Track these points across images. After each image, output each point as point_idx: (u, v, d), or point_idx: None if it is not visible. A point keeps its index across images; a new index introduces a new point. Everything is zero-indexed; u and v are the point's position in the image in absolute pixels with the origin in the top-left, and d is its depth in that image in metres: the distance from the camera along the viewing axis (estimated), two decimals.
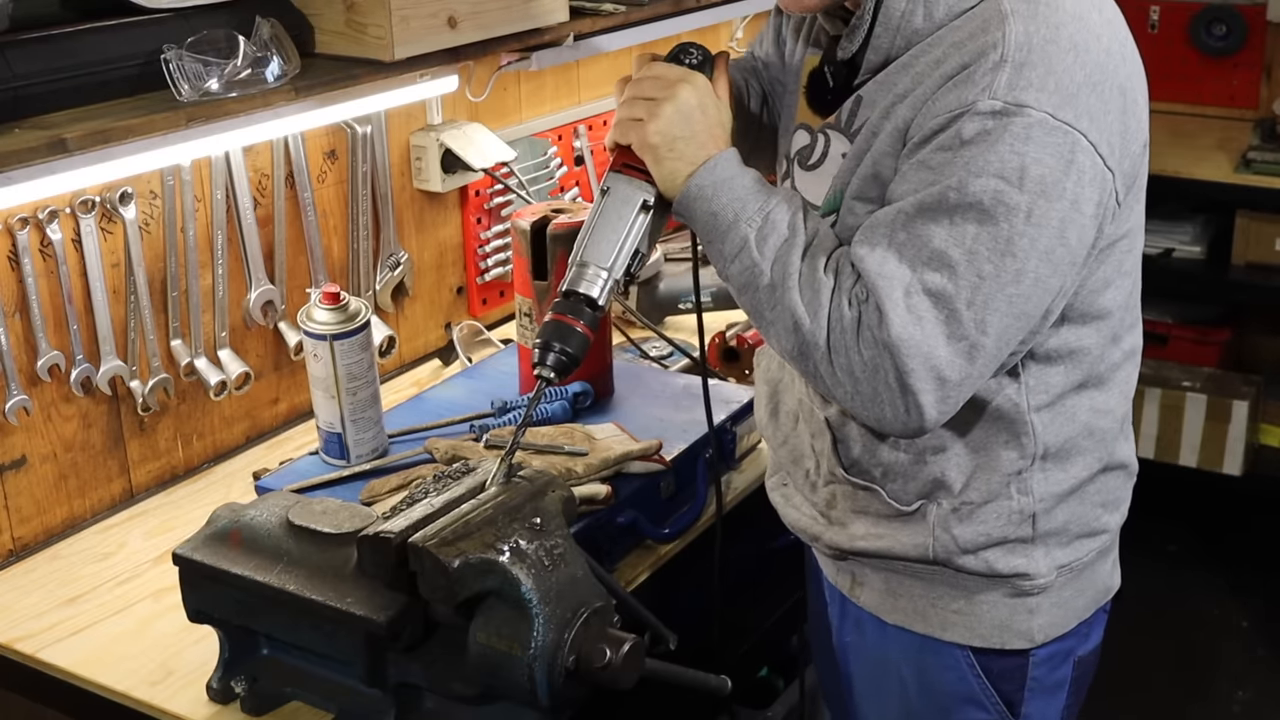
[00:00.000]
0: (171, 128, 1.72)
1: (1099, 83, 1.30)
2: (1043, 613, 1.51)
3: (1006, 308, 1.28)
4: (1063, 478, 1.47)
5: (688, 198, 1.39)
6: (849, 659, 1.65)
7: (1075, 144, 1.27)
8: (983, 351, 1.29)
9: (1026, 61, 1.27)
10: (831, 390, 1.34)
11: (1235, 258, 3.65)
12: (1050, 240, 1.28)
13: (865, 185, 1.38)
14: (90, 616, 1.70)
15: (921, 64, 1.35)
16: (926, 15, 1.35)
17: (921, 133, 1.31)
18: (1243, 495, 3.82)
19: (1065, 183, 1.27)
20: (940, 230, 1.28)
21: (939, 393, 1.29)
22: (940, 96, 1.31)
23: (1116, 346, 1.47)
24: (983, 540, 1.46)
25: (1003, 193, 1.26)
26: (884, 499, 1.49)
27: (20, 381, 1.80)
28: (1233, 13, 3.86)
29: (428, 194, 2.36)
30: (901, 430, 1.32)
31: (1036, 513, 1.46)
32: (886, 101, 1.37)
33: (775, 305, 1.35)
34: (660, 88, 1.40)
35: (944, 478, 1.45)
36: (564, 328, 1.39)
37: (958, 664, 1.53)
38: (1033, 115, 1.26)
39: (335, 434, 1.84)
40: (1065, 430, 1.45)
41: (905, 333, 1.27)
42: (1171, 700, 3.22)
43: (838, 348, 1.31)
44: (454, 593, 1.29)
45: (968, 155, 1.27)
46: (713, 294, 2.38)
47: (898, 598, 1.54)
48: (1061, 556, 1.49)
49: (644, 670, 1.32)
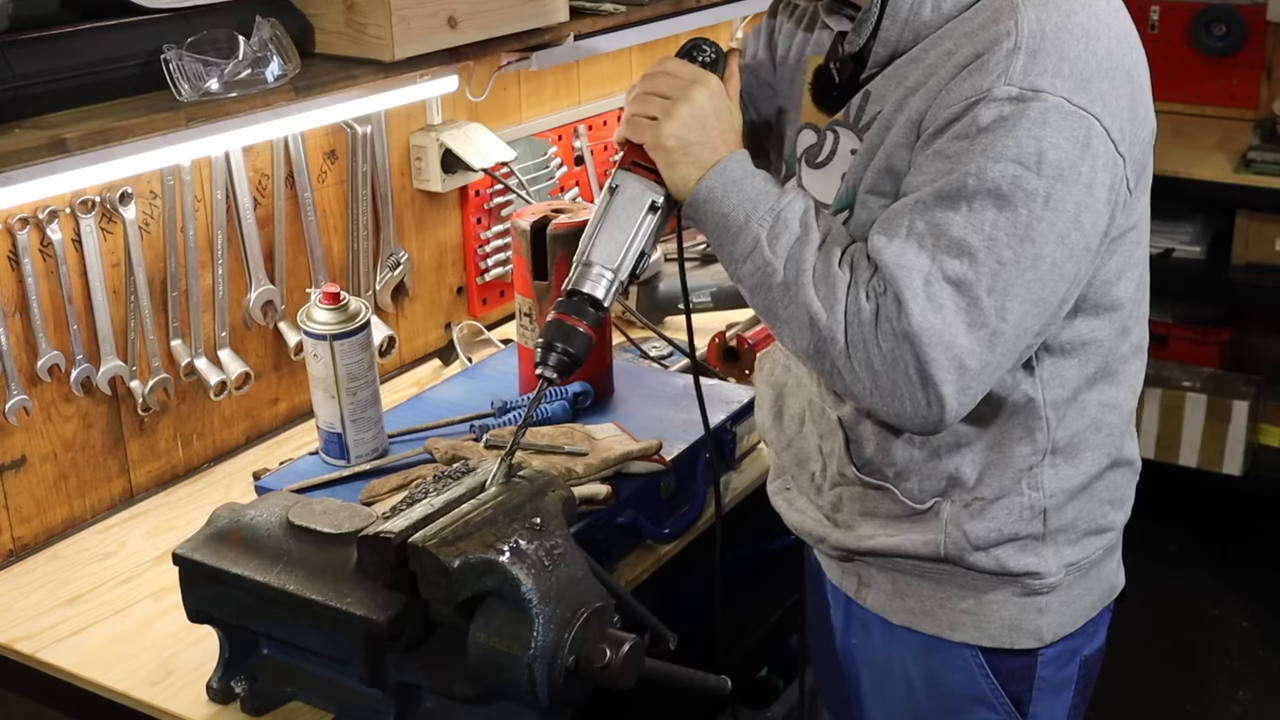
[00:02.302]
0: (171, 128, 1.73)
1: (1110, 69, 1.30)
2: (1052, 612, 1.51)
3: (1025, 293, 1.28)
4: (1073, 473, 1.47)
5: (698, 200, 1.38)
6: (854, 661, 1.64)
7: (1090, 129, 1.28)
8: (1002, 339, 1.28)
9: (1040, 48, 1.28)
10: (850, 386, 1.33)
11: (1235, 258, 3.65)
12: (1066, 224, 1.28)
13: (879, 179, 1.38)
14: (90, 616, 1.70)
15: (932, 56, 1.35)
16: (935, 7, 1.35)
17: (936, 123, 1.32)
18: (1243, 495, 3.82)
19: (1081, 167, 1.28)
20: (959, 218, 1.27)
21: (960, 382, 1.27)
22: (954, 86, 1.31)
23: (1126, 339, 1.47)
24: (995, 537, 1.46)
25: (1021, 178, 1.26)
26: (896, 498, 1.48)
27: (20, 381, 1.80)
28: (1233, 13, 3.86)
29: (428, 194, 2.36)
30: (921, 425, 1.31)
31: (1048, 508, 1.46)
32: (898, 95, 1.37)
33: (790, 303, 1.33)
34: (675, 87, 1.39)
35: (959, 474, 1.45)
36: (566, 328, 1.39)
37: (966, 664, 1.53)
38: (1049, 100, 1.26)
39: (335, 434, 1.84)
40: (1076, 425, 1.45)
41: (926, 322, 1.26)
42: (1172, 700, 3.22)
43: (855, 342, 1.30)
44: (454, 593, 1.29)
45: (985, 141, 1.27)
46: (712, 294, 2.38)
47: (905, 598, 1.54)
48: (1070, 554, 1.49)
49: (644, 670, 1.32)
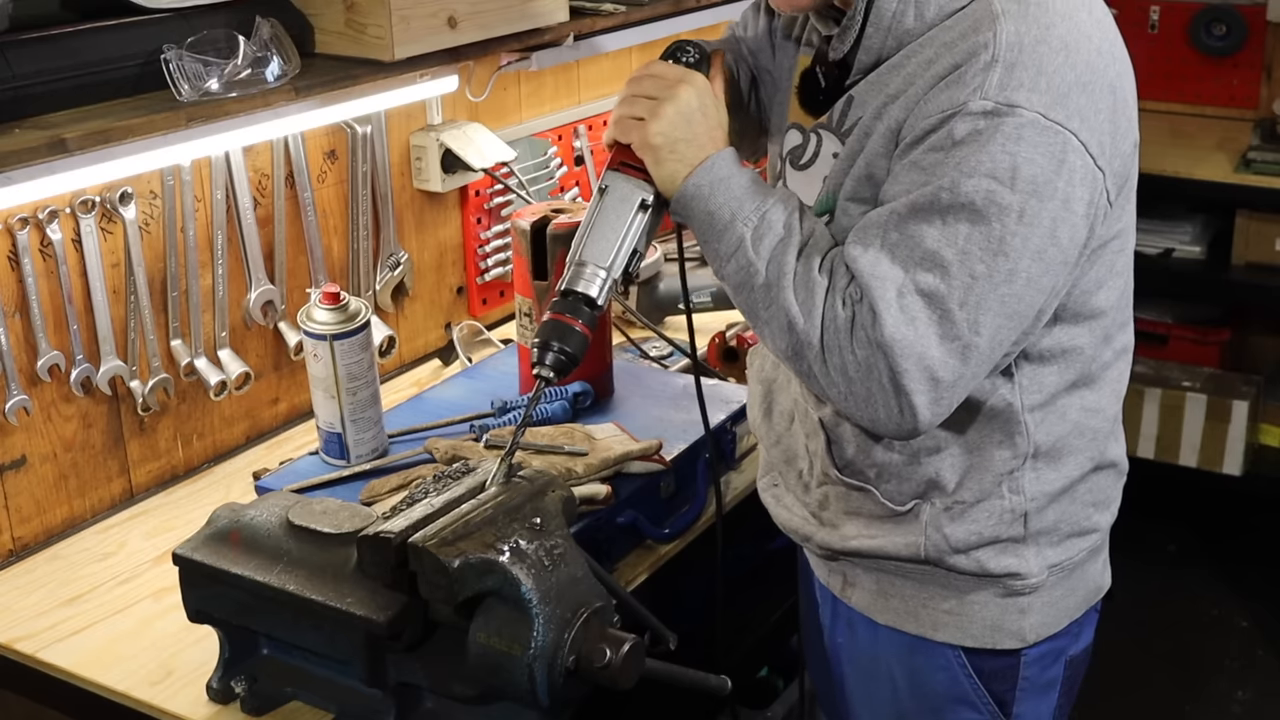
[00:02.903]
0: (171, 128, 1.73)
1: (1089, 83, 1.30)
2: (1034, 612, 1.51)
3: (999, 307, 1.29)
4: (1054, 477, 1.47)
5: (685, 197, 1.39)
6: (840, 660, 1.65)
7: (1066, 143, 1.27)
8: (976, 352, 1.29)
9: (1017, 62, 1.27)
10: (825, 390, 1.35)
11: (1235, 258, 3.64)
12: (1042, 240, 1.28)
13: (859, 186, 1.39)
14: (90, 616, 1.70)
15: (913, 64, 1.35)
16: (918, 15, 1.35)
17: (914, 133, 1.32)
18: (1243, 495, 3.82)
19: (1057, 182, 1.27)
20: (933, 231, 1.28)
21: (932, 394, 1.29)
22: (932, 97, 1.31)
23: (1108, 346, 1.47)
24: (974, 540, 1.46)
25: (995, 193, 1.26)
26: (878, 499, 1.49)
27: (20, 381, 1.80)
28: (1233, 13, 3.86)
29: (428, 194, 2.36)
30: (896, 432, 1.33)
31: (1028, 512, 1.46)
32: (878, 102, 1.37)
33: (770, 304, 1.35)
34: (661, 87, 1.40)
35: (938, 478, 1.45)
36: (562, 327, 1.39)
37: (949, 664, 1.53)
38: (1024, 115, 1.26)
39: (335, 434, 1.84)
40: (1057, 429, 1.45)
41: (899, 333, 1.27)
42: (1171, 700, 3.22)
43: (831, 347, 1.32)
44: (454, 593, 1.29)
45: (959, 155, 1.27)
46: (712, 294, 2.38)
47: (889, 598, 1.54)
48: (1053, 556, 1.49)
49: (644, 670, 1.32)
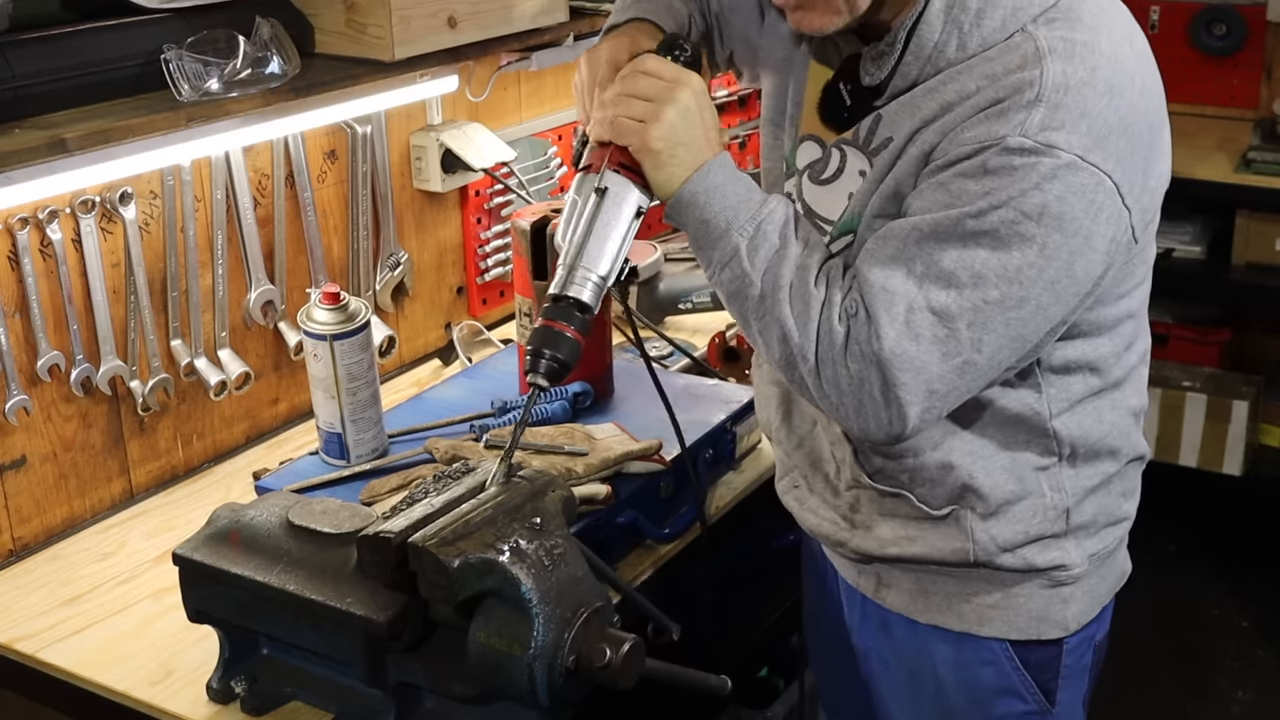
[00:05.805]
0: (171, 128, 1.73)
1: (1130, 125, 1.30)
2: (1076, 601, 1.53)
3: (1004, 329, 1.29)
4: (1092, 473, 1.49)
5: (680, 203, 1.38)
6: (870, 660, 1.65)
7: (1099, 185, 1.28)
8: (974, 368, 1.31)
9: (1061, 103, 1.27)
10: (817, 400, 1.36)
11: (1235, 258, 3.64)
12: (1058, 271, 1.29)
13: (886, 204, 1.38)
14: (90, 616, 1.70)
15: (950, 91, 1.34)
16: (960, 46, 1.34)
17: (946, 157, 1.31)
18: (1243, 495, 3.82)
19: (1083, 220, 1.28)
20: (952, 252, 1.28)
21: (926, 404, 1.31)
22: (970, 126, 1.30)
23: (1131, 351, 1.49)
24: (1021, 538, 1.48)
25: (1019, 224, 1.26)
26: (913, 503, 1.49)
27: (20, 381, 1.80)
28: (1233, 13, 3.86)
29: (428, 194, 2.36)
30: (884, 437, 1.34)
31: (1070, 508, 1.48)
32: (912, 125, 1.36)
33: (764, 315, 1.35)
34: (659, 89, 1.38)
35: (972, 483, 1.46)
36: (554, 333, 1.37)
37: (996, 658, 1.54)
38: (1061, 157, 1.26)
39: (335, 434, 1.84)
40: (1092, 431, 1.47)
41: (900, 347, 1.28)
42: (1172, 699, 3.22)
43: (825, 361, 1.32)
44: (454, 593, 1.29)
45: (990, 184, 1.27)
46: (712, 294, 2.38)
47: (930, 596, 1.54)
48: (1091, 546, 1.52)
49: (644, 670, 1.32)
